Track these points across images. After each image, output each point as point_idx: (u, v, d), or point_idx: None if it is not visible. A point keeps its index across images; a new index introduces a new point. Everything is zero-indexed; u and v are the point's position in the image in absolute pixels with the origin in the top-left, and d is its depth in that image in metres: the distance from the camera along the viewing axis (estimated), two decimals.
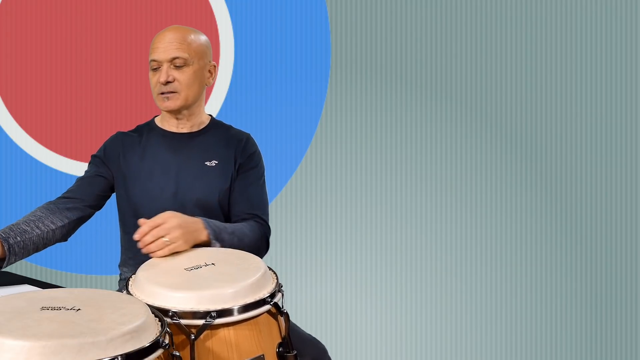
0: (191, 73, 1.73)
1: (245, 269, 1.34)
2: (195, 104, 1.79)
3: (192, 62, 1.73)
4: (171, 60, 1.71)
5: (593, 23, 2.61)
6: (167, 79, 1.71)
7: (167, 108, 1.74)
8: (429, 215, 2.72)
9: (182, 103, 1.74)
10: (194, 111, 1.80)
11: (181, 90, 1.72)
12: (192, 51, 1.73)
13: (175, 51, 1.71)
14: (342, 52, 2.72)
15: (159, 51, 1.72)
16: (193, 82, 1.74)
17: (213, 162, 1.76)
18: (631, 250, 2.63)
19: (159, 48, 1.72)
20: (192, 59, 1.73)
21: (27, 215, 1.66)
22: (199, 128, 1.82)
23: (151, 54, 1.74)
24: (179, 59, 1.71)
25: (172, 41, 1.72)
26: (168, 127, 1.82)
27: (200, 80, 1.76)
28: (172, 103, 1.73)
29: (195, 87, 1.75)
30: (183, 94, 1.73)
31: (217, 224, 1.59)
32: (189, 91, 1.74)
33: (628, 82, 2.60)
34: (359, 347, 2.73)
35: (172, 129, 1.81)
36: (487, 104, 2.67)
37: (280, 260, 2.74)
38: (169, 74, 1.71)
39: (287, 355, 1.30)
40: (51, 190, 2.78)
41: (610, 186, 2.64)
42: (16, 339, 0.94)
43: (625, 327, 2.64)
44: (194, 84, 1.74)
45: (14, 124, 2.79)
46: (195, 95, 1.76)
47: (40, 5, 2.76)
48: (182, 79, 1.72)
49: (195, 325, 1.20)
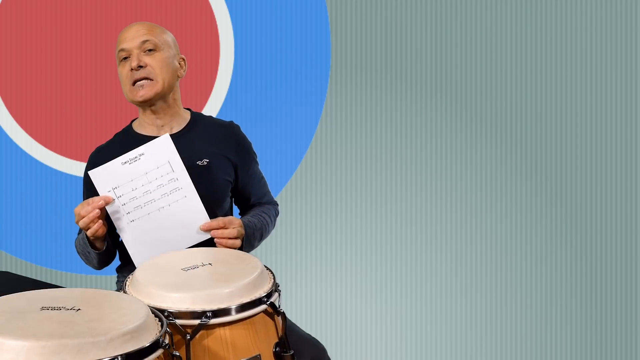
0: (162, 58, 1.68)
1: (242, 269, 1.34)
2: (169, 94, 1.72)
3: (162, 47, 1.69)
4: (140, 46, 1.67)
5: (594, 23, 2.61)
6: (139, 63, 1.65)
7: (143, 97, 1.66)
8: (429, 215, 2.72)
9: (157, 90, 1.66)
10: (171, 105, 1.73)
11: (155, 76, 1.66)
12: (160, 38, 1.70)
13: (144, 36, 1.67)
14: (342, 52, 2.72)
15: (127, 40, 1.68)
16: (166, 67, 1.68)
17: (204, 161, 1.71)
18: (631, 251, 2.63)
19: (127, 38, 1.68)
20: (162, 45, 1.69)
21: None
22: (180, 127, 1.76)
23: (118, 45, 1.70)
24: (149, 42, 1.67)
25: (139, 29, 1.69)
26: (149, 131, 1.75)
27: (172, 67, 1.71)
28: (146, 91, 1.66)
29: (169, 73, 1.69)
30: (158, 78, 1.66)
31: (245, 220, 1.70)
32: (164, 76, 1.67)
33: (629, 83, 2.61)
34: (359, 347, 2.74)
35: (153, 133, 1.73)
36: (488, 104, 2.68)
37: (280, 260, 2.74)
38: (140, 59, 1.66)
39: (284, 355, 1.30)
40: (51, 190, 2.79)
41: (611, 186, 2.64)
42: (16, 339, 0.94)
43: (626, 327, 2.64)
44: (167, 69, 1.69)
45: (14, 124, 2.79)
46: (170, 82, 1.70)
47: (40, 5, 2.77)
48: (154, 63, 1.67)
49: (191, 325, 1.21)
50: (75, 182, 2.75)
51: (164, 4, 2.75)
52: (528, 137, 2.67)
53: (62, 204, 2.76)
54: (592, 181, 2.65)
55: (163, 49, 1.69)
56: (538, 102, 2.66)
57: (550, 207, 2.67)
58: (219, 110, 2.76)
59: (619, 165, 2.63)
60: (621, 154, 2.62)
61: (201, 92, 2.75)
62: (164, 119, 1.74)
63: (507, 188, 2.69)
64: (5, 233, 2.81)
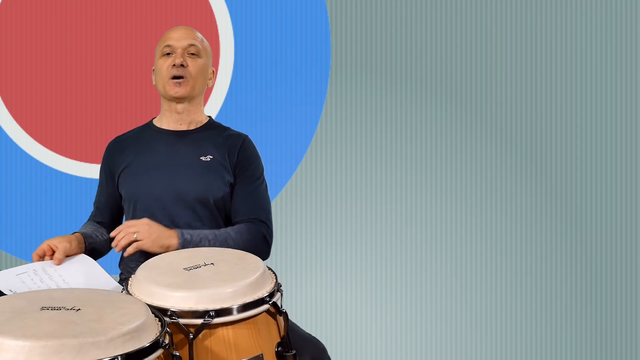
0: (201, 64, 1.80)
1: (244, 269, 1.34)
2: (196, 99, 1.83)
3: (202, 55, 1.81)
4: (186, 48, 1.78)
5: (594, 23, 2.61)
6: (182, 62, 1.76)
7: (178, 93, 1.77)
8: (429, 215, 2.72)
9: (190, 91, 1.78)
10: (194, 108, 1.84)
11: (192, 78, 1.78)
12: (203, 47, 1.82)
13: (191, 40, 1.79)
14: (342, 52, 2.72)
15: (175, 39, 1.79)
16: (201, 74, 1.80)
17: (208, 157, 1.79)
18: (631, 251, 2.63)
19: (174, 37, 1.80)
20: (202, 53, 1.81)
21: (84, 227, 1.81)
22: (196, 126, 1.85)
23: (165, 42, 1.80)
24: (194, 47, 1.79)
25: (188, 32, 1.81)
26: (166, 125, 1.85)
27: (205, 75, 1.83)
28: (182, 89, 1.77)
29: (201, 79, 1.81)
30: (192, 81, 1.78)
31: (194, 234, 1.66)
32: (197, 81, 1.79)
33: (629, 83, 2.61)
34: (359, 347, 2.74)
35: (170, 127, 1.84)
36: (488, 104, 2.68)
37: (281, 260, 2.74)
38: (184, 59, 1.77)
39: (286, 354, 1.31)
40: (51, 190, 2.78)
41: (611, 186, 2.64)
42: (16, 339, 0.95)
43: (626, 327, 2.64)
44: (201, 76, 1.81)
45: (14, 124, 2.79)
46: (200, 88, 1.82)
47: (40, 5, 2.77)
48: (194, 66, 1.78)
49: (194, 324, 1.21)
50: (76, 182, 2.75)
51: (164, 4, 2.75)
52: (528, 137, 2.67)
53: (62, 204, 2.76)
54: (592, 181, 2.65)
55: (203, 56, 1.82)
56: (538, 102, 2.66)
57: (550, 207, 2.67)
58: (219, 111, 2.76)
59: (619, 165, 2.63)
60: (621, 154, 2.62)
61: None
62: (184, 119, 1.84)
63: (507, 188, 2.69)
64: (5, 233, 2.81)
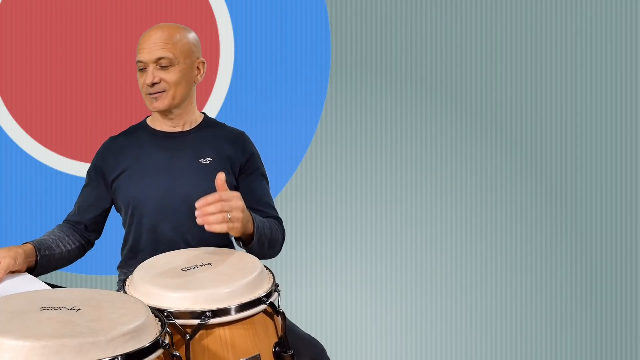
0: (177, 72, 1.71)
1: (242, 269, 1.34)
2: (184, 102, 1.77)
3: (178, 61, 1.71)
4: (156, 61, 1.69)
5: (594, 23, 2.61)
6: (153, 80, 1.69)
7: (156, 108, 1.73)
8: (429, 215, 2.73)
9: (170, 102, 1.72)
10: (185, 110, 1.79)
11: (169, 89, 1.71)
12: (178, 50, 1.71)
13: (160, 51, 1.69)
14: (342, 52, 2.72)
15: (144, 52, 1.70)
16: (180, 82, 1.72)
17: (207, 160, 1.76)
18: (631, 251, 2.63)
19: (144, 49, 1.71)
20: (178, 59, 1.71)
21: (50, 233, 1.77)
22: (191, 127, 1.82)
23: (137, 55, 1.73)
24: (164, 59, 1.69)
25: (157, 41, 1.70)
26: (160, 126, 1.82)
27: (187, 78, 1.75)
28: (160, 103, 1.72)
29: (183, 86, 1.74)
30: (171, 92, 1.71)
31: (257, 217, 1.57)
32: (177, 90, 1.72)
33: (629, 83, 2.61)
34: (358, 347, 2.74)
35: (164, 129, 1.81)
36: (488, 104, 2.68)
37: (280, 260, 2.74)
38: (155, 75, 1.70)
39: (284, 355, 1.31)
40: (51, 190, 2.79)
41: (611, 186, 2.64)
42: (16, 339, 0.95)
43: (626, 327, 2.64)
44: (181, 83, 1.73)
45: (14, 124, 2.79)
46: (183, 94, 1.75)
47: (40, 5, 2.77)
48: (169, 78, 1.70)
49: (191, 325, 1.21)
50: (76, 182, 2.75)
51: (164, 4, 2.75)
52: (528, 137, 2.67)
53: (62, 204, 2.76)
54: (592, 181, 2.65)
55: (179, 62, 1.72)
56: (538, 102, 2.66)
57: (550, 207, 2.67)
58: (219, 110, 2.76)
59: (619, 165, 2.63)
60: (621, 154, 2.63)
61: (201, 92, 2.75)
62: (177, 121, 1.80)
63: (507, 188, 2.69)
64: (5, 233, 2.81)
